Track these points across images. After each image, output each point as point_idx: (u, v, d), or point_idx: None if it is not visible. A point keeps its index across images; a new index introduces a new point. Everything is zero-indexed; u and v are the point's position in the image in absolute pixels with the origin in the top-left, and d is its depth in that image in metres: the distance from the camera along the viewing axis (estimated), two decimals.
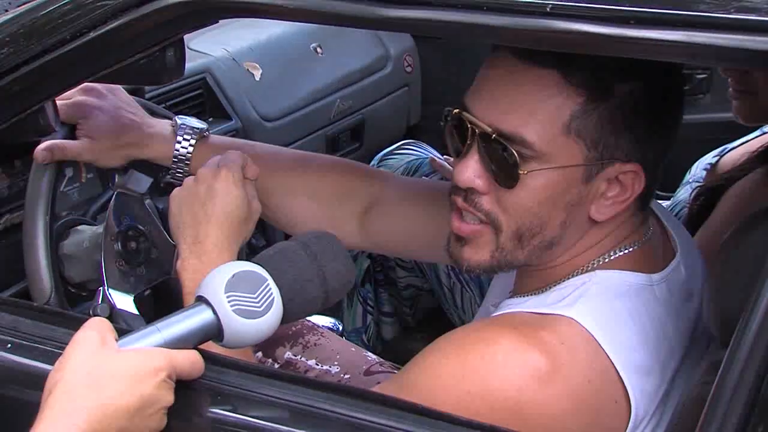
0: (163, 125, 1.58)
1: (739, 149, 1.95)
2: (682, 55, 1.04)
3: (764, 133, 1.90)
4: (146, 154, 1.57)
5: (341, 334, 2.08)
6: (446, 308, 2.16)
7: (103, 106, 1.55)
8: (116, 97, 1.58)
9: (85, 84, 1.54)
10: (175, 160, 1.56)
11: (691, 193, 1.92)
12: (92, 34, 1.22)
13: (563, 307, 1.21)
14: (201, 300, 1.08)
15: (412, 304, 2.33)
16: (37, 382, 1.03)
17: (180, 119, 1.59)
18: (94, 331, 1.03)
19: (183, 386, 1.06)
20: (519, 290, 1.35)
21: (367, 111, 2.77)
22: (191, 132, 1.57)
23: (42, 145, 1.50)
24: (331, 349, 1.81)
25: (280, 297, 1.10)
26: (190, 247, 1.40)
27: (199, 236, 1.40)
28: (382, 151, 2.30)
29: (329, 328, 1.99)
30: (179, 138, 1.56)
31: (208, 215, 1.40)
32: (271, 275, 1.09)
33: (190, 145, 1.56)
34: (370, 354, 1.84)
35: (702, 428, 0.96)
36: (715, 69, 2.68)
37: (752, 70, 1.58)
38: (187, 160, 1.55)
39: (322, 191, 1.62)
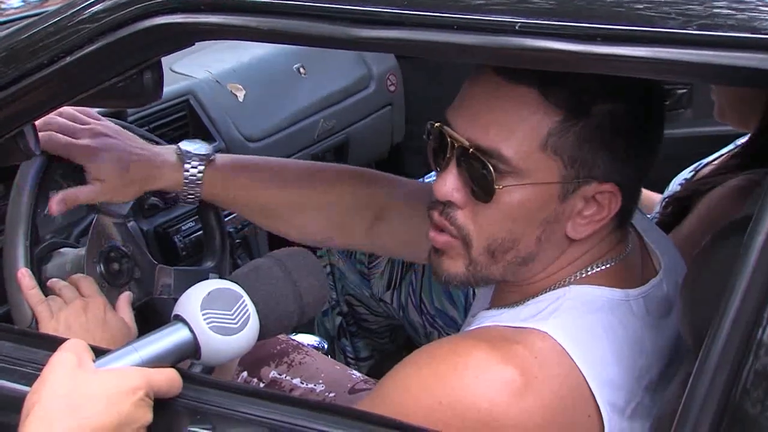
0: (168, 153, 1.61)
1: (714, 164, 1.96)
2: (649, 71, 1.05)
3: (737, 147, 1.92)
4: (158, 185, 1.60)
5: (326, 353, 2.09)
6: None
7: (108, 146, 1.56)
8: (120, 136, 1.60)
9: (90, 126, 1.56)
10: (186, 182, 1.60)
11: (660, 204, 1.93)
12: (69, 59, 1.22)
13: (537, 321, 1.22)
14: (177, 318, 1.09)
15: (391, 333, 2.36)
16: (18, 404, 1.03)
17: (184, 146, 1.61)
18: (71, 352, 1.04)
19: (161, 405, 1.06)
20: (496, 302, 1.35)
21: (350, 131, 2.79)
22: (197, 158, 1.60)
23: (55, 199, 1.52)
24: (316, 367, 1.82)
25: (256, 313, 1.11)
26: None
27: None
28: None
29: (314, 347, 2.00)
30: (186, 166, 1.59)
31: None
32: (246, 292, 1.11)
33: (200, 172, 1.59)
34: (354, 372, 1.85)
35: None
36: (696, 84, 2.71)
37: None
38: (198, 181, 1.59)
39: (330, 204, 1.65)
